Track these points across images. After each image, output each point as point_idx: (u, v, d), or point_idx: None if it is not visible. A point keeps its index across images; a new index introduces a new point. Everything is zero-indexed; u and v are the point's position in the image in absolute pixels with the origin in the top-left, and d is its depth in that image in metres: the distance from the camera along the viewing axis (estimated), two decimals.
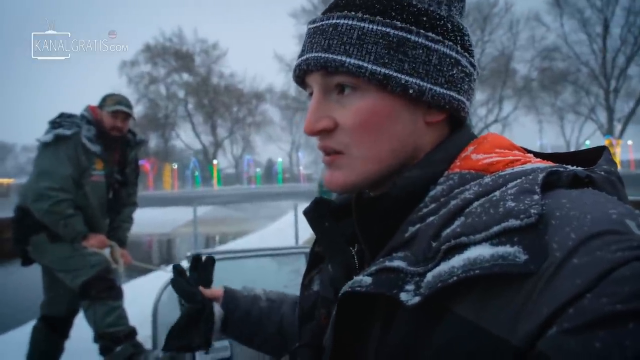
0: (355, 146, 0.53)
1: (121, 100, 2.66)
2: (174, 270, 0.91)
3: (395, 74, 0.50)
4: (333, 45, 0.51)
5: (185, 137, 43.27)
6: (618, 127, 31.54)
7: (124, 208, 2.87)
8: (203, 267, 0.95)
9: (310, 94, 0.57)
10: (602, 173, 0.47)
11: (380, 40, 0.51)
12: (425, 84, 0.52)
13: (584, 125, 35.26)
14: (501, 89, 33.95)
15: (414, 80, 0.51)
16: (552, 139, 41.22)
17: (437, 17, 0.53)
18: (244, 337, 0.94)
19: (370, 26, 0.51)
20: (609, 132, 30.97)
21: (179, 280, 0.90)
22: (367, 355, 0.48)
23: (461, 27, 0.56)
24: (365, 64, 0.50)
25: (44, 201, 2.41)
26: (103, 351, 2.43)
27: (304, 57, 0.54)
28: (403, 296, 0.42)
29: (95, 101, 2.70)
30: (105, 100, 2.64)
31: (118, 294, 2.51)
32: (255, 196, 25.68)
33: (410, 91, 0.51)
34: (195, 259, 0.95)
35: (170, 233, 14.83)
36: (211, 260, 0.95)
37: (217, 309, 0.91)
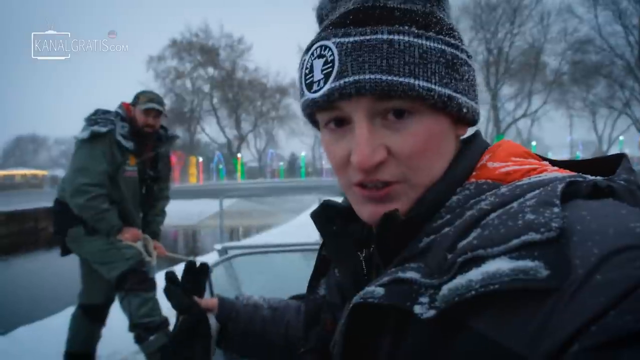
0: (413, 173, 0.49)
1: (153, 97, 2.73)
2: (166, 277, 0.83)
3: (455, 94, 0.49)
4: (395, 65, 0.46)
5: (210, 131, 44.06)
6: None
7: (156, 202, 2.96)
8: (196, 275, 0.87)
9: (335, 120, 0.51)
10: (623, 182, 0.45)
11: (441, 59, 0.48)
12: (470, 101, 0.52)
13: (618, 120, 34.03)
14: (530, 82, 33.04)
15: (464, 100, 0.51)
16: (583, 134, 39.93)
17: (457, 30, 0.53)
18: (247, 349, 0.87)
19: (429, 43, 0.48)
20: None
21: (172, 289, 0.82)
22: None
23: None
24: (433, 86, 0.47)
25: (80, 196, 2.51)
26: (138, 340, 2.53)
27: (350, 80, 0.47)
28: (417, 309, 0.41)
29: (123, 93, 2.79)
30: (138, 97, 2.72)
31: (151, 286, 2.59)
32: (278, 190, 25.89)
33: (464, 110, 0.51)
34: (189, 266, 0.86)
35: (196, 225, 15.11)
36: (205, 268, 0.88)
37: (213, 320, 0.84)
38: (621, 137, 35.36)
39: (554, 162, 0.54)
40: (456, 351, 0.39)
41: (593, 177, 0.45)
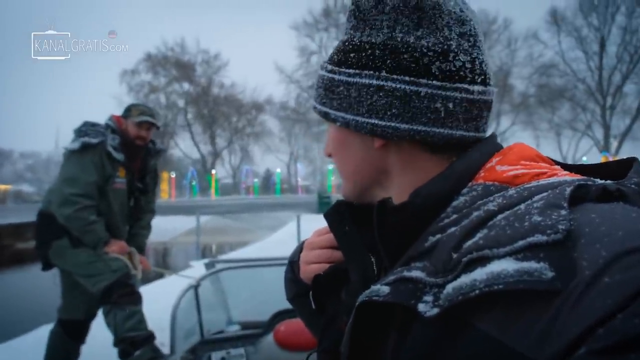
0: (337, 168, 0.65)
1: (145, 110, 2.74)
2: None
3: (329, 111, 0.58)
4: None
5: (184, 147, 43.43)
6: (614, 143, 31.90)
7: (143, 215, 2.94)
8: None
9: None
10: (633, 186, 0.45)
11: (321, 84, 0.60)
12: (348, 115, 0.56)
13: (581, 141, 35.67)
14: (499, 104, 34.29)
15: (340, 114, 0.57)
16: (548, 154, 41.00)
17: (366, 47, 0.54)
18: None
19: (321, 73, 0.61)
20: (605, 148, 31.29)
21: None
22: None
23: (399, 47, 0.52)
24: (315, 104, 0.61)
25: (68, 207, 2.48)
26: (123, 355, 2.47)
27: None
28: (421, 307, 0.42)
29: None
30: (130, 110, 2.73)
31: (137, 299, 2.56)
32: (253, 206, 25.69)
33: (338, 124, 0.58)
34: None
35: (168, 242, 14.78)
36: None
37: None
38: (584, 158, 36.96)
39: (565, 166, 0.55)
40: (460, 350, 0.39)
41: (603, 181, 0.45)
